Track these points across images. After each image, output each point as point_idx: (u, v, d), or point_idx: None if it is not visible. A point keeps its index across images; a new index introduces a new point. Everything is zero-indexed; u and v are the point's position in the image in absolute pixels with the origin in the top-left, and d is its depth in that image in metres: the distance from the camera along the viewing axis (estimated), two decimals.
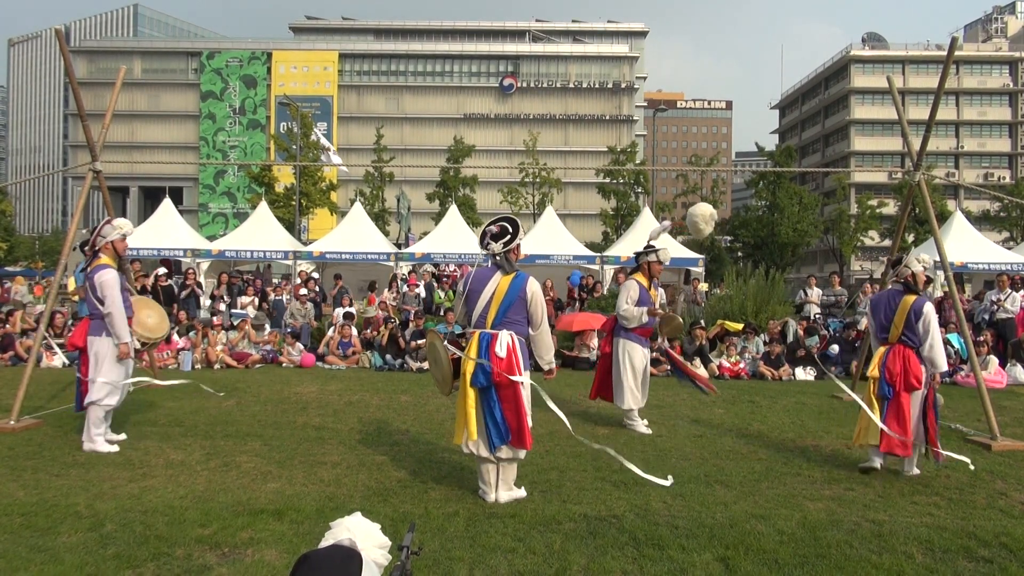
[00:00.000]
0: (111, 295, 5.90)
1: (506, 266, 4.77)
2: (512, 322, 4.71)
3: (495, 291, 4.69)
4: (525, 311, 4.76)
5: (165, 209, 20.11)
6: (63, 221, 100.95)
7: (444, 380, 4.89)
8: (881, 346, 5.67)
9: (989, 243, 18.35)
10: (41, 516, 4.20)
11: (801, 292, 14.57)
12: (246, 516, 4.22)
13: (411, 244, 25.06)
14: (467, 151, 46.16)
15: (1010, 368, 11.12)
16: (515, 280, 4.73)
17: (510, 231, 4.79)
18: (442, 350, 4.81)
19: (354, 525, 1.62)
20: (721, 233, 49.53)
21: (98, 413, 5.90)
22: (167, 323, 7.19)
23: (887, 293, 5.83)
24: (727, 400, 8.89)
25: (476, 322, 4.75)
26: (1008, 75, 65.33)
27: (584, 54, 69.06)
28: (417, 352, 11.70)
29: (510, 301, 4.68)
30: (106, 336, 5.99)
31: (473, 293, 4.75)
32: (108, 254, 6.19)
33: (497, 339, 4.63)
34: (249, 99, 66.39)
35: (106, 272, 5.97)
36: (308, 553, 1.49)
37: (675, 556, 3.74)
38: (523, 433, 4.58)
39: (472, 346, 4.66)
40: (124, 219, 6.53)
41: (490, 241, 4.77)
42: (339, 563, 1.48)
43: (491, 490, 4.67)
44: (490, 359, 4.56)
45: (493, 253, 4.78)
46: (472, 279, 4.80)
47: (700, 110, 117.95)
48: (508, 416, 4.59)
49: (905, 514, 4.50)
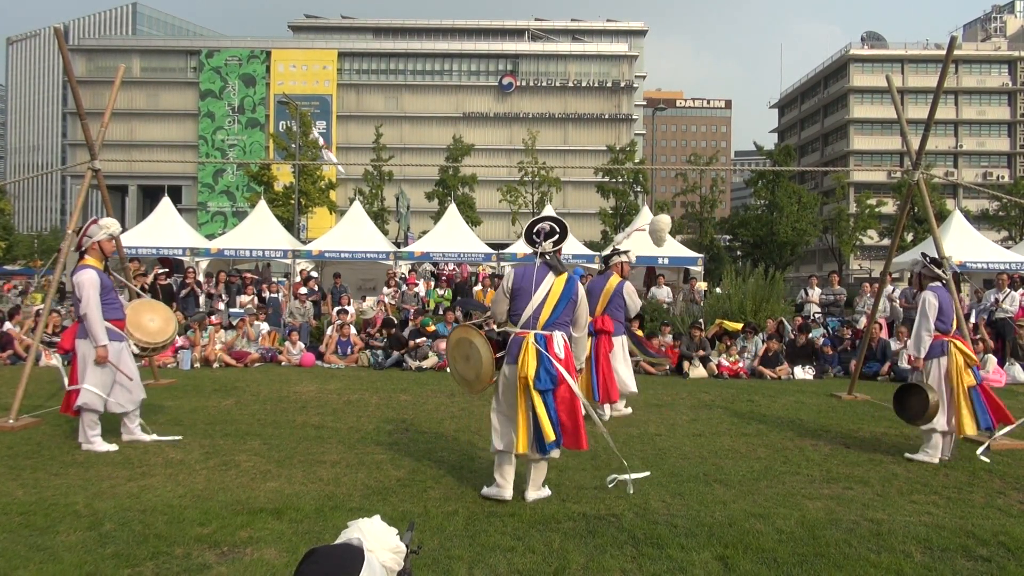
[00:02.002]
0: (87, 296, 5.79)
1: (558, 266, 4.71)
2: (563, 323, 4.67)
3: (550, 291, 4.62)
4: (573, 312, 4.73)
5: (164, 208, 20.09)
6: (62, 220, 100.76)
7: (479, 378, 4.75)
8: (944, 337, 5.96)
9: (988, 242, 18.36)
10: (40, 515, 4.20)
11: (802, 292, 14.57)
12: (245, 515, 4.22)
13: (410, 243, 25.09)
14: (466, 150, 46.13)
15: (1009, 367, 11.14)
16: (569, 281, 4.68)
17: (558, 231, 4.76)
18: (482, 347, 4.67)
19: (367, 527, 1.64)
20: (720, 232, 49.57)
21: (91, 416, 5.85)
22: (173, 326, 6.86)
23: (944, 290, 6.15)
24: (726, 399, 8.90)
25: (525, 322, 4.62)
26: (1007, 74, 65.38)
27: (583, 53, 69.02)
28: (416, 351, 11.70)
29: (564, 302, 4.64)
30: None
31: (523, 292, 4.64)
32: (94, 255, 6.11)
33: (553, 340, 4.58)
34: (248, 98, 66.32)
35: (85, 272, 5.88)
36: (316, 548, 1.54)
37: (674, 555, 3.74)
38: (579, 434, 4.53)
39: (528, 347, 4.52)
40: (111, 219, 6.38)
41: (542, 240, 4.72)
42: (338, 559, 1.52)
43: (508, 486, 4.60)
44: (551, 362, 4.47)
45: (544, 252, 4.71)
46: (521, 278, 4.69)
47: (699, 109, 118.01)
48: (564, 418, 4.53)
49: (904, 513, 4.50)
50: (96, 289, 5.85)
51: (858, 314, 13.52)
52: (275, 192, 36.65)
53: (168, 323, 6.79)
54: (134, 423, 6.22)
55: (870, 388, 9.73)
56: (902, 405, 5.99)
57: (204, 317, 12.25)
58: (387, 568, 1.60)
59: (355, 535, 1.62)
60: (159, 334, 6.64)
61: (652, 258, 18.10)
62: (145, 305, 6.89)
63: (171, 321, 6.87)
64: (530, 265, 4.76)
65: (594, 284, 7.72)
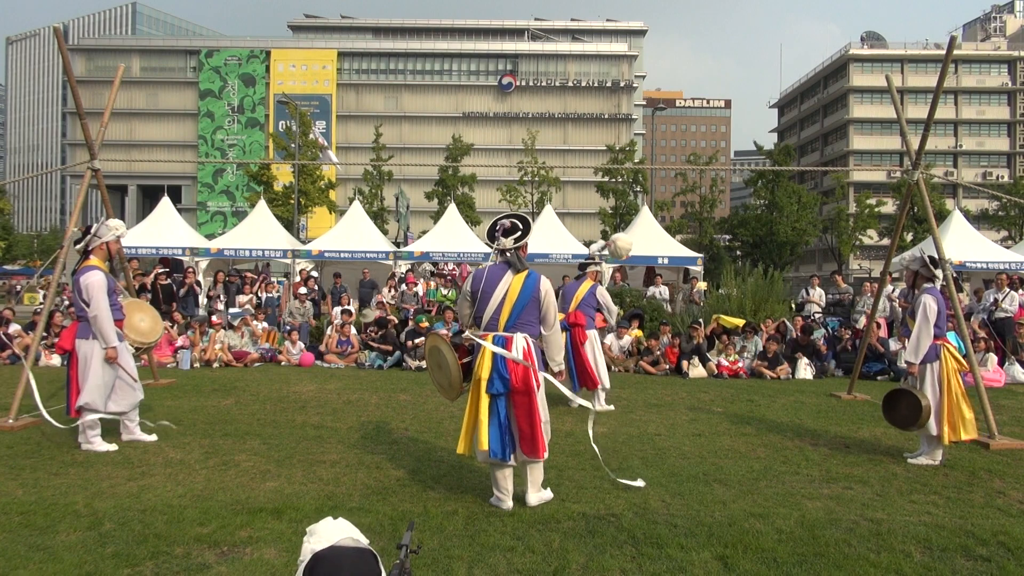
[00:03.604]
0: (97, 297, 5.82)
1: (517, 264, 4.53)
2: (525, 323, 4.52)
3: (507, 291, 4.47)
4: (538, 311, 4.56)
5: (163, 208, 20.06)
6: (61, 220, 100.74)
7: (452, 386, 4.68)
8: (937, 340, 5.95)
9: (987, 242, 18.36)
10: (40, 515, 4.20)
11: (803, 292, 14.56)
12: (245, 515, 4.22)
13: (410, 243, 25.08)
14: (466, 149, 46.10)
15: (1008, 367, 11.13)
16: (528, 279, 4.51)
17: (520, 228, 4.60)
18: (448, 353, 4.60)
19: (330, 531, 1.58)
20: (720, 232, 49.56)
21: (91, 416, 5.85)
22: (160, 326, 7.10)
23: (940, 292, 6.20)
24: (725, 399, 8.90)
25: (487, 324, 4.52)
26: (1007, 74, 65.35)
27: (583, 53, 69.01)
28: (415, 351, 11.70)
29: (524, 301, 4.48)
30: (93, 339, 5.93)
31: (483, 294, 4.52)
32: (100, 255, 6.16)
33: (512, 342, 4.47)
34: (248, 97, 66.29)
35: (93, 274, 5.91)
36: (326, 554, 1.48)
37: (674, 554, 3.74)
38: (536, 441, 4.38)
39: (485, 351, 4.44)
40: (118, 220, 6.51)
41: (500, 236, 4.58)
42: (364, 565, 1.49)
43: (507, 497, 4.47)
44: (505, 365, 4.38)
45: (503, 248, 4.56)
46: (481, 279, 4.57)
47: (699, 109, 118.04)
48: (521, 423, 4.43)
49: (903, 512, 4.50)
50: (105, 291, 5.90)
51: (858, 314, 13.51)
52: (275, 192, 36.62)
53: (156, 322, 7.01)
54: (134, 423, 6.23)
55: (870, 388, 9.73)
56: (892, 409, 5.97)
57: (206, 319, 12.26)
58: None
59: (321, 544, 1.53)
60: (150, 333, 6.83)
61: (652, 258, 18.11)
62: (135, 305, 7.00)
63: (158, 320, 7.11)
64: (491, 265, 4.64)
65: (569, 287, 8.45)
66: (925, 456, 5.81)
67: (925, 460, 5.76)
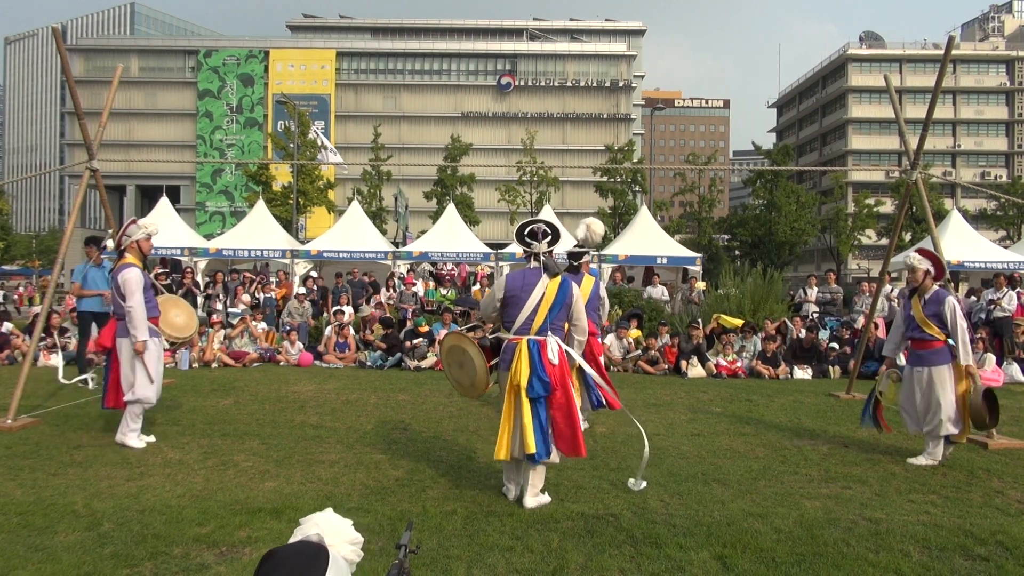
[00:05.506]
0: (134, 292, 5.99)
1: (553, 267, 4.61)
2: (557, 327, 4.60)
3: (543, 296, 4.52)
4: (568, 315, 4.66)
5: (162, 208, 20.04)
6: (60, 220, 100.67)
7: (475, 385, 4.70)
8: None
9: (986, 242, 18.40)
10: (38, 515, 4.20)
11: (801, 291, 14.56)
12: (244, 515, 4.22)
13: (409, 243, 25.06)
14: (465, 149, 46.10)
15: (1006, 366, 11.14)
16: (563, 284, 4.59)
17: (550, 233, 4.68)
18: (476, 355, 4.61)
19: (323, 521, 1.59)
20: (719, 232, 49.59)
21: (135, 409, 5.99)
22: (196, 321, 7.27)
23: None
24: (724, 399, 8.91)
25: (519, 328, 4.52)
26: (1005, 74, 65.47)
27: (582, 52, 69.00)
28: (414, 351, 11.70)
29: (559, 306, 4.56)
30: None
31: (517, 298, 4.53)
32: (133, 253, 6.27)
33: (547, 346, 4.49)
34: (246, 97, 66.23)
35: (130, 271, 6.05)
36: (274, 549, 1.46)
37: (672, 554, 3.74)
38: (577, 440, 4.44)
39: (521, 354, 4.44)
40: (150, 220, 6.74)
41: (533, 241, 4.63)
42: (305, 559, 1.44)
43: (516, 488, 4.57)
44: (544, 368, 4.40)
45: (537, 252, 4.61)
46: (515, 282, 4.58)
47: (698, 109, 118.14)
48: (561, 424, 4.46)
49: (902, 512, 4.51)
50: (141, 287, 6.04)
51: (856, 313, 13.53)
52: (273, 192, 36.59)
53: (191, 318, 7.15)
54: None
55: (868, 387, 9.71)
56: (992, 412, 5.89)
57: (206, 321, 12.25)
58: (348, 561, 1.56)
59: (312, 531, 1.56)
60: (185, 328, 6.96)
61: (651, 257, 18.11)
62: (170, 302, 7.11)
63: (193, 316, 7.24)
64: (525, 269, 4.68)
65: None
66: (925, 456, 5.79)
67: (925, 460, 5.75)
